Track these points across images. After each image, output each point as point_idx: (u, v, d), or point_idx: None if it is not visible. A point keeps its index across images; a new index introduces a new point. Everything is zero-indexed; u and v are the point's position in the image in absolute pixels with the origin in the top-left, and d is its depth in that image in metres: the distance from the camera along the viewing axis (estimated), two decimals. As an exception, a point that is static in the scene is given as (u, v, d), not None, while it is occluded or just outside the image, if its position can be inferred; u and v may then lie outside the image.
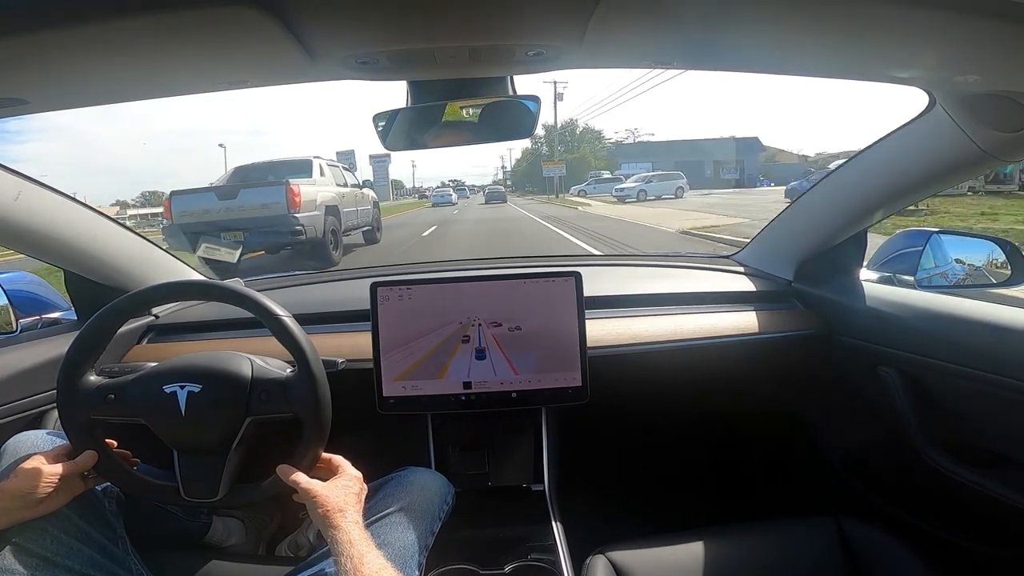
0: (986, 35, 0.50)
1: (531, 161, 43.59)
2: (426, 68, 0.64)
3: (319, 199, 6.76)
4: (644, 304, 1.24)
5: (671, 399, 1.30)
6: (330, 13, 0.48)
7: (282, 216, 6.09)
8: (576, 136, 41.72)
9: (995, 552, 0.94)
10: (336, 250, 7.02)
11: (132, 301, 0.79)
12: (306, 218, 6.32)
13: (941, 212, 9.18)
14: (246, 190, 6.42)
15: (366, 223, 8.75)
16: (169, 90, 0.69)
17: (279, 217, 6.09)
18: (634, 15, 0.50)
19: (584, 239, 8.76)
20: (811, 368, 1.24)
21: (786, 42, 0.58)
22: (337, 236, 7.12)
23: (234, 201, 6.22)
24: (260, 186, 6.59)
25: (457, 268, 1.49)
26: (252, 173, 7.45)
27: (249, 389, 0.74)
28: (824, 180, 1.17)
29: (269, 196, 6.22)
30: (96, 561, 0.72)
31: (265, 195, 6.27)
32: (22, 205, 0.91)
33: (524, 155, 49.68)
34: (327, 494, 0.69)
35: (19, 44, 0.45)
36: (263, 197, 6.24)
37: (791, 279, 1.28)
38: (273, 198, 6.19)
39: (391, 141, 0.82)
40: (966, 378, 0.90)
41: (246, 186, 6.59)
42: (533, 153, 43.78)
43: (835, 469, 1.27)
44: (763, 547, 0.94)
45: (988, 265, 1.04)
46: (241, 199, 6.26)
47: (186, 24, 0.46)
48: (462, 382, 1.07)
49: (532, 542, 0.95)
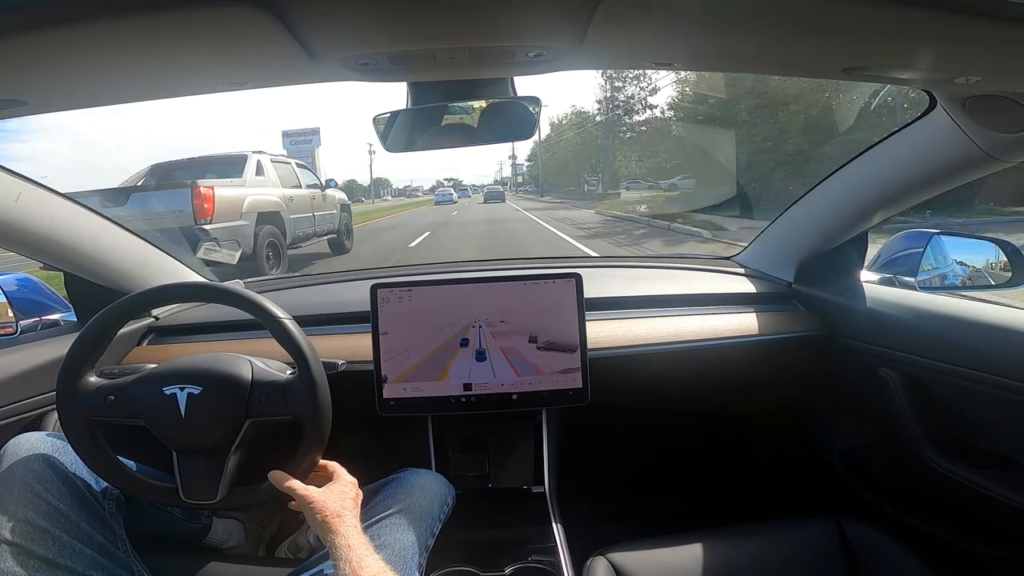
0: (987, 36, 0.50)
1: (575, 151, 31.00)
2: (426, 69, 0.64)
3: (247, 205, 5.44)
4: (645, 305, 1.24)
5: (672, 401, 1.30)
6: (331, 14, 0.48)
7: (187, 228, 4.76)
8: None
9: (995, 553, 0.94)
10: (276, 268, 5.65)
11: (132, 303, 0.79)
12: (221, 230, 4.98)
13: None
14: (138, 195, 5.09)
15: (329, 230, 7.46)
16: (169, 91, 0.69)
17: (184, 230, 4.74)
18: (635, 16, 0.50)
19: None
20: (812, 369, 1.24)
21: (787, 42, 0.58)
22: (279, 250, 5.85)
23: (122, 208, 4.78)
24: (160, 189, 5.20)
25: (458, 270, 1.49)
26: (174, 172, 5.93)
27: (249, 391, 0.74)
28: (825, 181, 1.16)
29: (171, 202, 4.88)
30: (96, 562, 0.72)
31: (166, 200, 4.91)
32: (22, 207, 0.91)
33: (558, 130, 35.61)
34: (324, 500, 0.69)
35: (17, 44, 0.45)
36: (163, 203, 4.88)
37: (792, 280, 1.28)
38: (176, 204, 4.85)
39: (391, 142, 0.82)
40: (967, 379, 0.90)
41: (138, 190, 5.25)
42: (579, 126, 30.95)
43: (836, 470, 1.27)
44: (764, 548, 0.94)
45: (989, 266, 1.04)
46: (132, 206, 4.87)
47: (186, 25, 0.46)
48: (462, 384, 1.06)
49: (532, 544, 0.94)
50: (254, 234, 5.44)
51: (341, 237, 7.84)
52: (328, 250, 7.78)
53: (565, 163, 33.93)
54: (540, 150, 38.86)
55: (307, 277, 1.58)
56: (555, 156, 36.38)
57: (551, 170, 38.47)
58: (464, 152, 24.29)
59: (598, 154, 26.88)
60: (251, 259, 5.29)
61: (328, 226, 7.42)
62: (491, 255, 8.19)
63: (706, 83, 13.37)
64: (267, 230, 5.67)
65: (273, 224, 5.82)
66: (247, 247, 5.29)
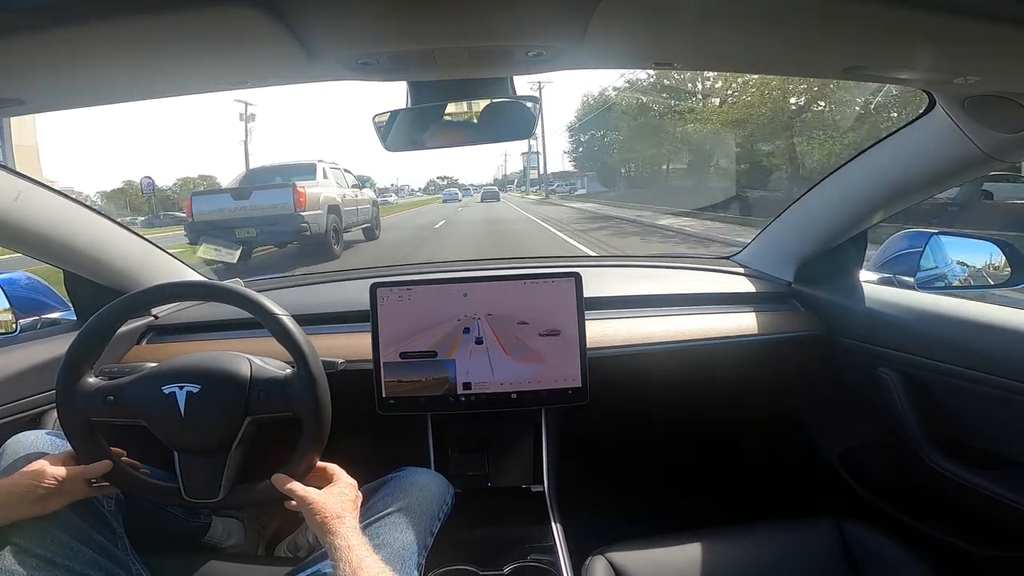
0: (986, 36, 0.50)
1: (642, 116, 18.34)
2: (426, 69, 0.64)
3: (322, 199, 7.48)
4: (644, 305, 1.24)
5: (671, 400, 1.30)
6: (330, 13, 0.48)
7: (289, 215, 6.86)
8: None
9: (995, 553, 0.94)
10: (337, 245, 7.75)
11: (131, 302, 0.79)
12: (310, 216, 7.07)
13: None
14: (258, 192, 7.16)
15: (366, 220, 9.56)
16: (168, 90, 0.69)
17: (287, 216, 6.85)
18: (635, 15, 0.50)
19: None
20: (811, 369, 1.24)
21: (788, 43, 0.58)
22: (338, 233, 7.87)
23: (247, 201, 7.01)
24: (270, 188, 7.28)
25: (457, 269, 1.49)
26: (263, 175, 8.35)
27: (248, 388, 0.74)
28: (824, 181, 1.17)
29: (278, 197, 6.96)
30: (96, 561, 0.72)
31: (274, 196, 7.00)
32: (22, 205, 0.91)
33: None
34: (324, 501, 0.69)
35: (15, 44, 0.45)
36: (273, 198, 6.98)
37: (791, 280, 1.28)
38: (282, 199, 6.93)
39: (391, 141, 0.82)
40: (966, 379, 0.90)
41: (258, 188, 7.31)
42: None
43: (835, 470, 1.27)
44: (763, 549, 0.94)
45: (988, 266, 1.04)
46: (253, 200, 7.02)
47: (185, 24, 0.46)
48: (462, 383, 1.06)
49: (531, 543, 0.94)
50: (326, 220, 7.46)
51: (372, 226, 9.97)
52: (361, 237, 9.76)
53: (642, 144, 19.53)
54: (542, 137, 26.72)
55: (306, 276, 1.58)
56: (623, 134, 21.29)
57: (611, 157, 24.66)
58: (458, 150, 13.48)
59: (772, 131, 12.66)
60: (322, 240, 7.35)
61: (364, 217, 9.48)
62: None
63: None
64: (332, 218, 7.62)
65: (335, 214, 7.78)
66: (322, 229, 7.31)
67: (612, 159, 25.20)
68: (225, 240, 6.15)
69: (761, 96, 12.32)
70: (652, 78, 17.98)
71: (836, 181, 1.14)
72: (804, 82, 10.73)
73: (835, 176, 1.14)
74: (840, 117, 11.67)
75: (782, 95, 11.95)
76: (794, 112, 12.28)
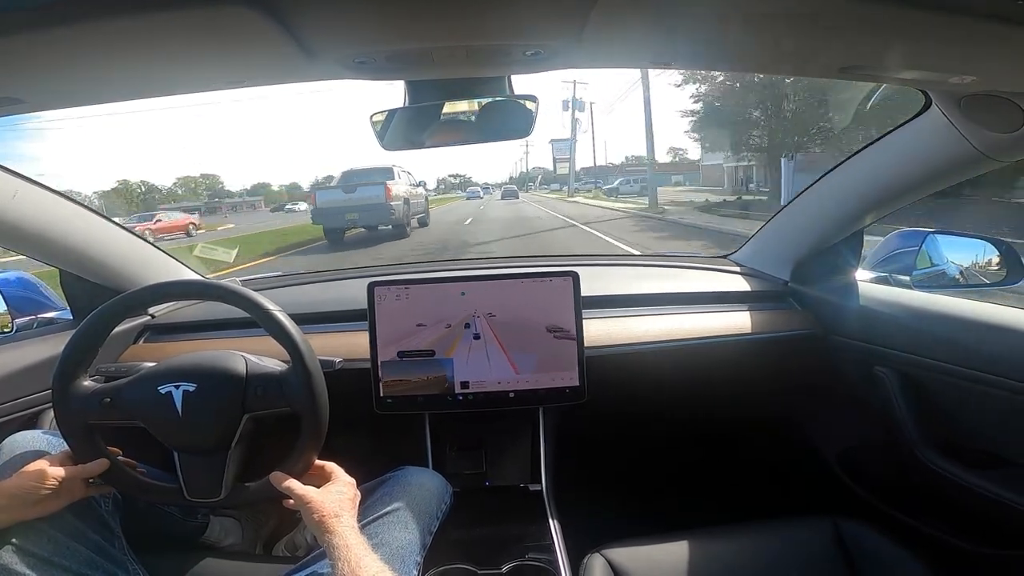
0: (982, 36, 0.50)
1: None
2: (424, 68, 0.64)
3: (401, 193, 10.53)
4: (641, 304, 1.24)
5: (668, 399, 1.30)
6: (328, 12, 0.48)
7: (382, 203, 9.92)
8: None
9: (992, 552, 0.95)
10: (408, 227, 10.99)
11: (127, 301, 0.79)
12: (395, 206, 10.19)
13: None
14: (361, 187, 10.01)
15: (422, 211, 13.04)
16: (166, 89, 0.68)
17: (380, 204, 9.92)
18: (633, 14, 0.50)
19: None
20: (807, 368, 1.24)
21: (784, 42, 0.58)
22: (408, 218, 11.05)
23: (353, 194, 9.98)
24: (368, 184, 10.05)
25: (454, 268, 1.49)
26: (356, 175, 10.90)
27: (244, 385, 0.74)
28: (820, 180, 1.17)
29: (374, 191, 9.89)
30: (93, 561, 0.71)
31: (371, 190, 9.90)
32: (18, 204, 0.90)
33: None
34: (322, 500, 0.69)
35: (14, 43, 0.44)
36: (370, 192, 9.90)
37: (787, 279, 1.29)
38: (376, 192, 9.89)
39: (388, 141, 0.82)
40: (962, 377, 0.90)
41: (361, 184, 10.13)
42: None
43: (831, 469, 1.27)
44: (760, 547, 0.94)
45: (983, 265, 1.04)
46: (358, 193, 9.93)
47: (183, 24, 0.46)
48: (459, 382, 1.06)
49: (530, 541, 0.95)
50: (403, 209, 10.61)
51: (425, 216, 13.46)
52: (416, 224, 12.49)
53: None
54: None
55: (304, 275, 1.57)
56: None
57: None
58: (470, 148, 13.66)
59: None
60: (400, 223, 10.56)
61: (421, 209, 12.91)
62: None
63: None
64: (405, 208, 10.78)
65: (407, 205, 10.95)
66: (401, 216, 10.47)
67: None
68: (338, 220, 10.00)
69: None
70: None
71: (832, 180, 1.14)
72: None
73: (831, 176, 1.14)
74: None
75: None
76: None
